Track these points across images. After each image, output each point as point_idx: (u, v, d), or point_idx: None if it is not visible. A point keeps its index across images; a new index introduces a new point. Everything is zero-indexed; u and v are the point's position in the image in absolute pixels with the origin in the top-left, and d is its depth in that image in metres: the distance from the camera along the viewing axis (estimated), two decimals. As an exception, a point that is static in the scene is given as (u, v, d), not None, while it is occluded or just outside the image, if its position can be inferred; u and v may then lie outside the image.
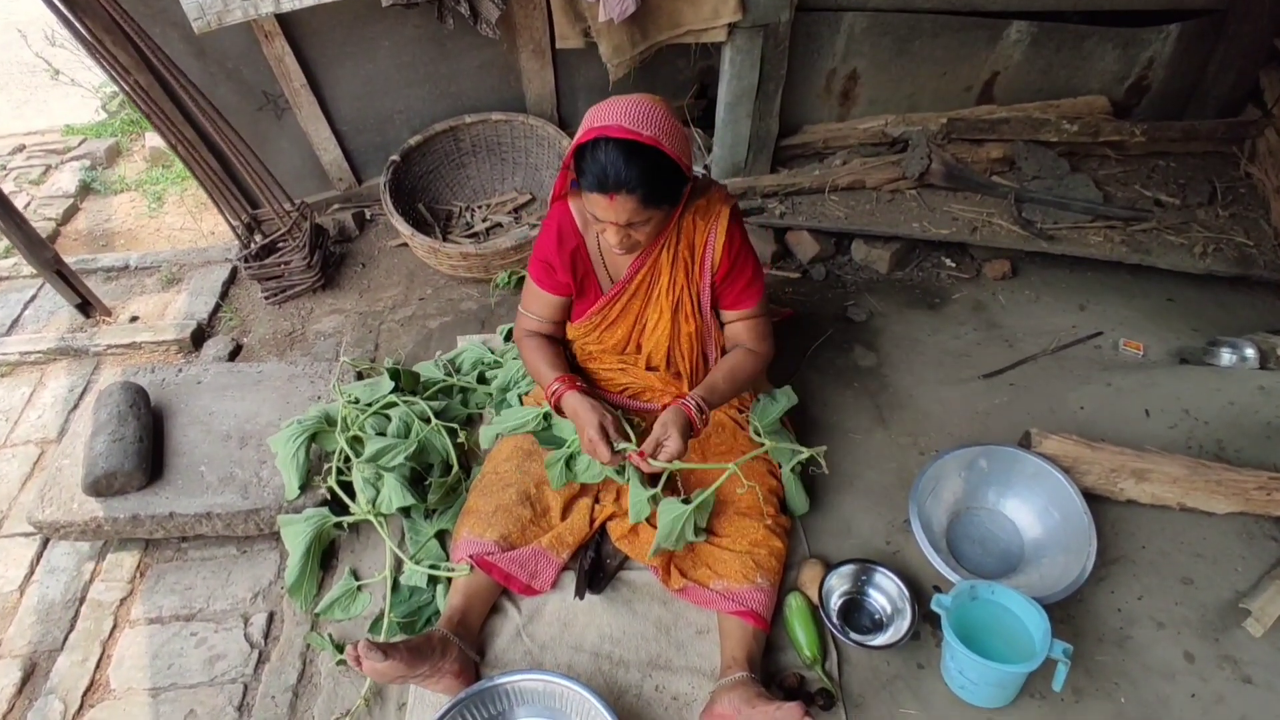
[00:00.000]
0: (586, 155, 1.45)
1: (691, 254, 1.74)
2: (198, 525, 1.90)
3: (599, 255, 1.78)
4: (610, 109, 1.45)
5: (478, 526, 1.76)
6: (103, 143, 4.01)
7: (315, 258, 2.76)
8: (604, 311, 1.83)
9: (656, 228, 1.58)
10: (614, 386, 1.97)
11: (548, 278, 1.80)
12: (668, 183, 1.49)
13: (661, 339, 1.84)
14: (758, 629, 1.66)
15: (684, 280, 1.76)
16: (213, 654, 1.79)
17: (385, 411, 2.11)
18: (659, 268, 1.75)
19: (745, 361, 1.81)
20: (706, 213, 1.71)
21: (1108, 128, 2.93)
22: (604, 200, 1.45)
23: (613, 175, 1.42)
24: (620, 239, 1.55)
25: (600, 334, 1.88)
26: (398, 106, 2.92)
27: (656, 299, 1.80)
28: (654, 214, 1.51)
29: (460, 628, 1.66)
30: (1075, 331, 2.60)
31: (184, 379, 2.18)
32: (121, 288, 2.96)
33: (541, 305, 1.86)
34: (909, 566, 1.91)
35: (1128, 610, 1.81)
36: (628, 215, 1.47)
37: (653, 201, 1.48)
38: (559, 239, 1.74)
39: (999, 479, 1.98)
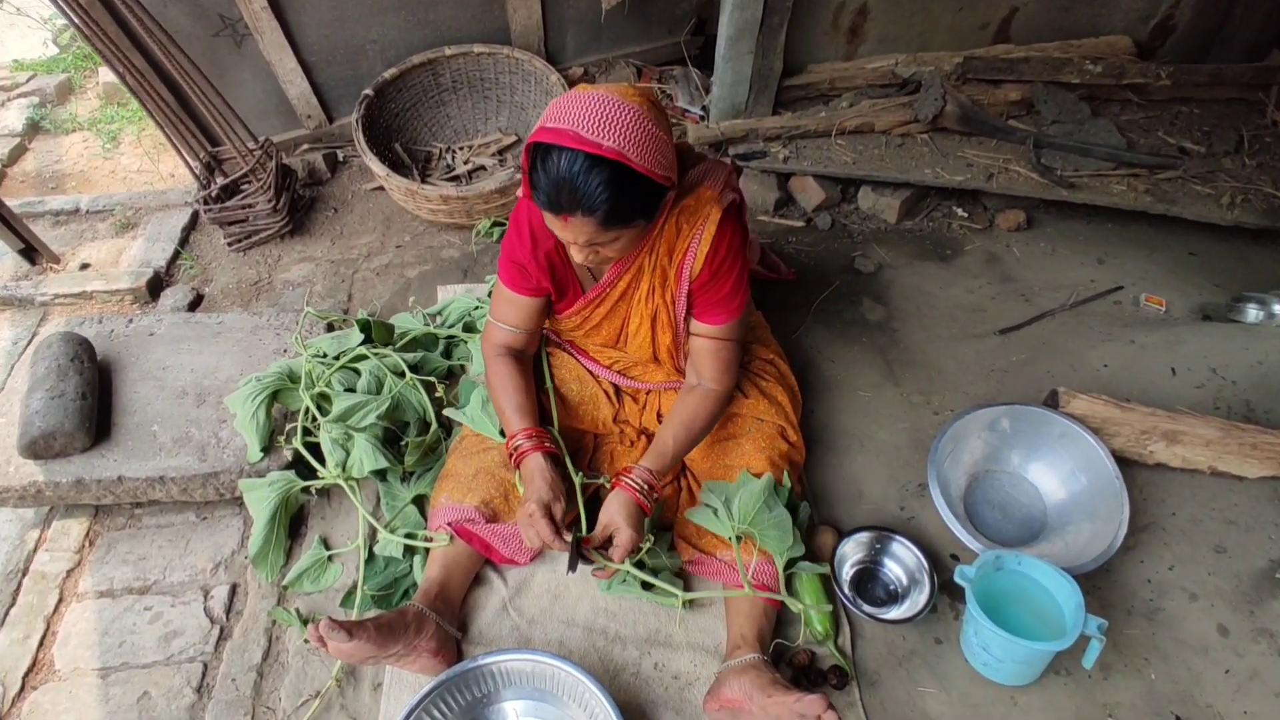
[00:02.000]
0: (537, 166, 1.21)
1: (670, 259, 1.50)
2: (150, 490, 1.73)
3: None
4: (568, 107, 1.20)
5: (457, 491, 1.61)
6: (53, 79, 3.71)
7: (282, 200, 2.54)
8: (585, 313, 1.63)
9: (630, 244, 1.35)
10: (604, 359, 1.79)
11: (522, 281, 1.56)
12: (636, 199, 1.25)
13: (644, 344, 1.66)
14: (768, 605, 1.52)
15: (660, 288, 1.53)
16: (169, 630, 1.63)
17: (354, 366, 1.93)
18: (642, 272, 1.54)
19: (702, 409, 1.56)
20: (694, 215, 1.44)
21: (1133, 69, 2.75)
22: (557, 221, 1.25)
23: (566, 194, 1.18)
24: (585, 255, 1.33)
25: (586, 332, 1.70)
26: (370, 35, 2.68)
27: (637, 305, 1.59)
28: (621, 232, 1.28)
29: (438, 602, 1.52)
30: (1094, 286, 2.46)
31: (135, 330, 1.99)
32: (71, 233, 2.73)
33: (516, 312, 1.60)
34: (925, 533, 1.78)
35: (1158, 581, 1.69)
36: (587, 236, 1.26)
37: (616, 221, 1.24)
38: (532, 240, 1.49)
39: (1023, 441, 1.84)
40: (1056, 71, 2.75)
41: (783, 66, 2.83)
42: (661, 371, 1.75)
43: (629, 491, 1.46)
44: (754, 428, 1.68)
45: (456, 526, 1.57)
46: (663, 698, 1.50)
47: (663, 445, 1.52)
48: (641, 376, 1.78)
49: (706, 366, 1.57)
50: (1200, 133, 2.77)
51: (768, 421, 1.69)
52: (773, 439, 1.67)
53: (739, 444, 1.67)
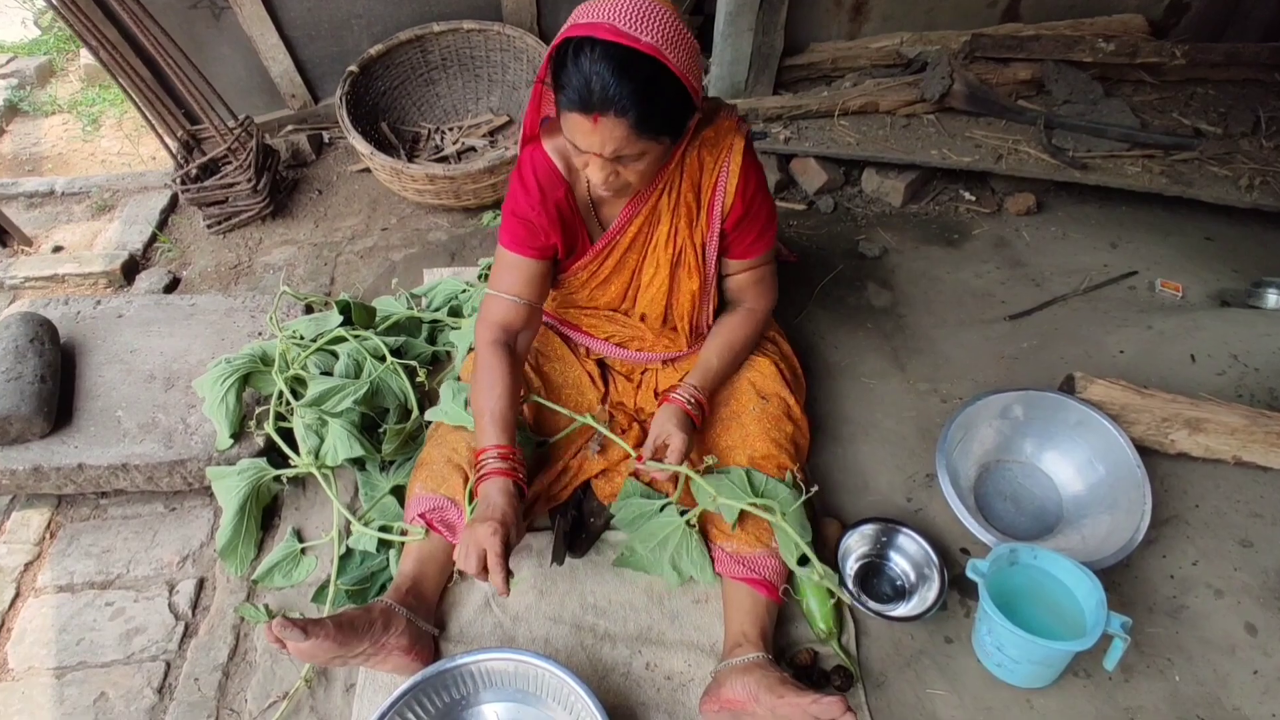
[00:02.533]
0: (567, 63, 1.12)
1: (697, 197, 1.43)
2: (113, 479, 1.63)
3: (588, 202, 1.47)
4: (600, 5, 1.12)
5: (430, 480, 1.50)
6: (34, 61, 3.62)
7: (263, 181, 2.44)
8: (592, 267, 1.52)
9: (652, 166, 1.26)
10: (598, 333, 1.70)
11: (528, 239, 1.44)
12: (669, 107, 1.17)
13: (657, 296, 1.55)
14: (770, 600, 1.42)
15: (686, 229, 1.45)
16: (130, 627, 1.54)
17: (331, 349, 1.83)
18: (657, 214, 1.45)
19: (743, 329, 1.58)
20: (715, 146, 1.39)
21: (1147, 48, 2.66)
22: (586, 123, 1.13)
23: (599, 90, 1.09)
24: (605, 176, 1.23)
25: (591, 292, 1.58)
26: (356, 10, 2.58)
27: (653, 251, 1.50)
28: (648, 146, 1.19)
29: (410, 597, 1.41)
30: (1107, 271, 2.36)
31: (102, 312, 1.89)
32: (46, 215, 2.63)
33: (519, 277, 1.46)
34: (933, 526, 1.68)
35: (1181, 577, 1.60)
36: (615, 144, 1.16)
37: (648, 129, 1.15)
38: (540, 189, 1.39)
39: (1036, 428, 1.75)
40: (1068, 50, 2.65)
41: (784, 45, 2.74)
42: (664, 339, 1.65)
43: (677, 403, 1.46)
44: (757, 406, 1.57)
45: (429, 518, 1.47)
46: (654, 700, 1.40)
47: (706, 363, 1.53)
48: (641, 348, 1.68)
49: (748, 294, 1.58)
50: (1216, 114, 2.67)
51: (771, 400, 1.59)
52: (778, 420, 1.57)
53: (741, 423, 1.57)
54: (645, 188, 1.40)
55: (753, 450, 1.52)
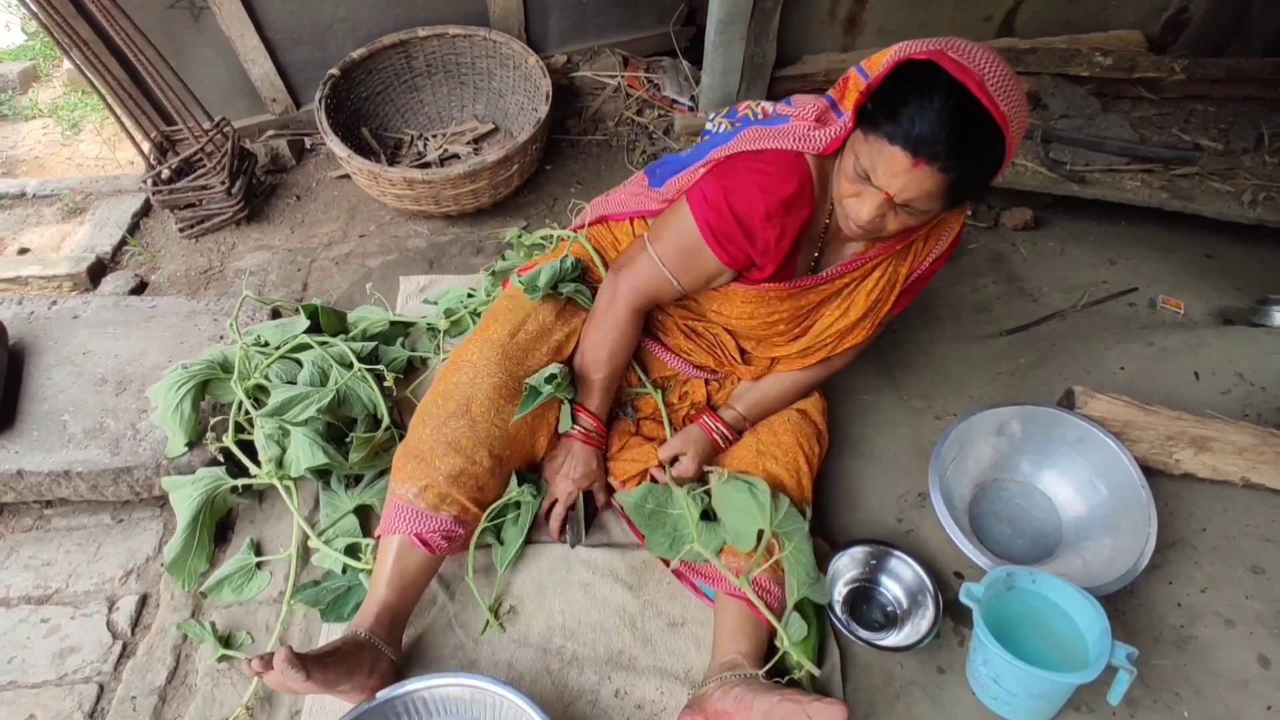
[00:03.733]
0: (909, 93, 1.02)
1: (924, 246, 1.38)
2: (55, 486, 1.53)
3: (818, 238, 1.36)
4: (967, 50, 1.02)
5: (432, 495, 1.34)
6: (17, 65, 3.57)
7: (238, 184, 2.37)
8: (775, 299, 1.39)
9: (916, 225, 1.20)
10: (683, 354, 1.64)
11: (729, 244, 1.29)
12: (979, 181, 1.09)
13: (828, 338, 1.46)
14: (765, 620, 1.32)
15: (902, 279, 1.40)
16: (65, 646, 1.43)
17: (296, 356, 1.74)
18: (871, 273, 1.39)
19: (817, 379, 1.58)
20: (941, 225, 1.38)
21: (1145, 62, 2.61)
22: (904, 161, 1.03)
23: (938, 136, 0.99)
24: (874, 218, 1.14)
25: (750, 316, 1.44)
26: (339, 13, 2.52)
27: (852, 292, 1.41)
28: (937, 209, 1.12)
29: (391, 632, 1.29)
30: (1107, 287, 2.29)
31: (57, 313, 1.80)
32: (15, 218, 2.56)
33: (694, 271, 1.35)
34: (926, 548, 1.59)
35: (1189, 605, 1.50)
36: (917, 195, 1.07)
37: (954, 194, 1.08)
38: (786, 207, 1.24)
39: (1034, 446, 1.66)
40: (1065, 63, 2.60)
41: (777, 56, 2.69)
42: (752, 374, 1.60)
43: (706, 429, 1.51)
44: (796, 419, 1.53)
45: (426, 538, 1.31)
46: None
47: (764, 399, 1.55)
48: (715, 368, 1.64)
49: (855, 348, 1.53)
50: (1217, 130, 2.61)
51: (809, 414, 1.55)
52: (810, 439, 1.52)
53: (774, 431, 1.51)
54: (888, 241, 1.33)
55: (784, 459, 1.46)
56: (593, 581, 1.48)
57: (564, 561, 1.50)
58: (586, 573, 1.49)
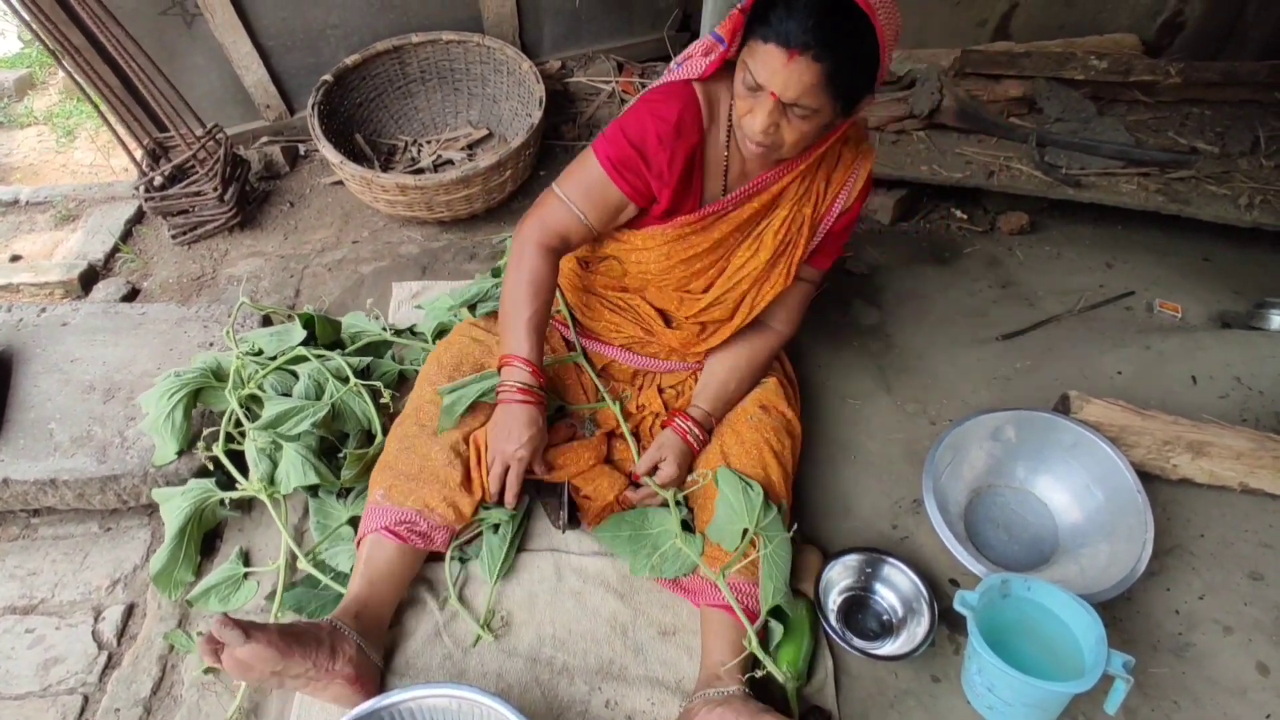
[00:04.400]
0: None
1: (826, 188, 1.40)
2: (41, 495, 1.52)
3: (720, 164, 1.37)
4: None
5: (398, 491, 1.40)
6: (14, 73, 3.57)
7: (230, 191, 2.36)
8: (690, 228, 1.39)
9: (810, 133, 1.19)
10: (613, 331, 1.61)
11: (631, 171, 1.32)
12: (859, 72, 1.12)
13: (742, 284, 1.45)
14: (751, 627, 1.30)
15: (809, 219, 1.41)
16: (50, 656, 1.42)
17: (292, 368, 1.73)
18: (783, 197, 1.39)
19: (765, 351, 1.57)
20: (857, 146, 1.40)
21: (1140, 66, 2.60)
22: (779, 57, 1.08)
23: (807, 27, 1.05)
24: (767, 125, 1.16)
25: (668, 260, 1.44)
26: (332, 20, 2.52)
27: (760, 233, 1.42)
28: (823, 105, 1.13)
29: (360, 622, 1.30)
30: (1103, 291, 2.28)
31: (46, 320, 1.79)
32: (8, 225, 2.55)
33: (594, 199, 1.35)
34: (920, 555, 1.57)
35: (1187, 612, 1.49)
36: (798, 89, 1.10)
37: (834, 84, 1.10)
38: (677, 130, 1.28)
39: (1029, 451, 1.64)
40: (1060, 67, 2.59)
41: (770, 60, 2.69)
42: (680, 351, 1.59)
43: (679, 433, 1.46)
44: (759, 415, 1.49)
45: (396, 531, 1.36)
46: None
47: (722, 388, 1.51)
48: (657, 355, 1.62)
49: (788, 310, 1.55)
50: (1213, 133, 2.60)
51: (773, 407, 1.52)
52: (777, 433, 1.48)
53: (736, 431, 1.48)
54: (790, 160, 1.33)
55: (748, 459, 1.43)
56: (583, 590, 1.46)
57: (554, 570, 1.49)
58: (577, 581, 1.47)
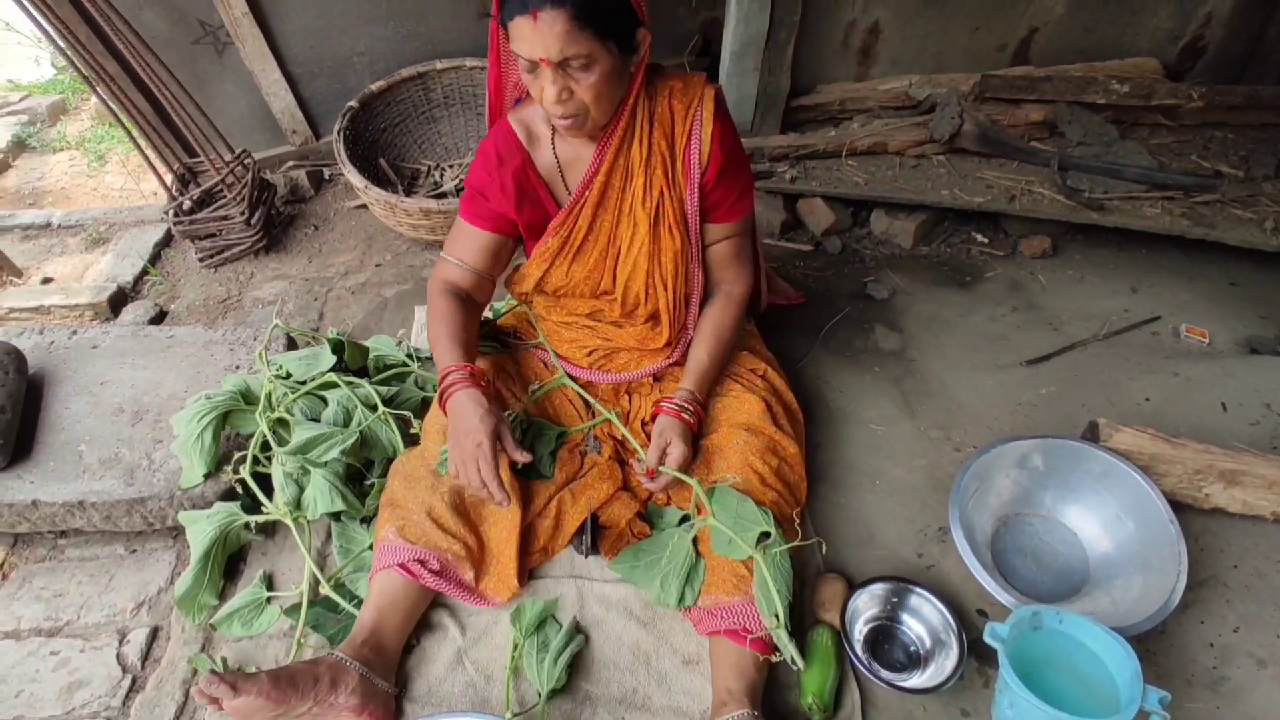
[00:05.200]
0: None
1: (670, 145, 1.37)
2: (69, 517, 1.53)
3: (557, 173, 1.43)
4: None
5: (412, 530, 1.40)
6: (47, 99, 3.67)
7: (257, 215, 2.40)
8: (563, 230, 1.44)
9: (605, 83, 1.18)
10: (579, 352, 1.61)
11: (480, 210, 1.45)
12: (608, 4, 1.13)
13: (639, 261, 1.45)
14: (756, 653, 1.29)
15: (664, 180, 1.38)
16: (74, 679, 1.42)
17: (321, 393, 1.74)
18: (630, 167, 1.38)
19: (726, 314, 1.53)
20: (685, 94, 1.35)
21: (1162, 90, 2.59)
22: (527, 24, 1.10)
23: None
24: (558, 92, 1.17)
25: (568, 266, 1.49)
26: (358, 47, 2.57)
27: (630, 209, 1.42)
28: (594, 49, 1.13)
29: (368, 650, 1.29)
30: (1128, 316, 2.26)
31: (77, 342, 1.82)
32: (40, 247, 2.60)
33: (469, 247, 1.48)
34: (947, 584, 1.55)
35: (1222, 645, 1.45)
36: (559, 42, 1.10)
37: (588, 21, 1.10)
38: (497, 159, 1.39)
39: (1058, 479, 1.62)
40: (1081, 91, 2.59)
41: (790, 85, 2.71)
42: (650, 341, 1.57)
43: (671, 414, 1.43)
44: (741, 439, 1.47)
45: (410, 568, 1.36)
46: (637, 775, 1.26)
47: (698, 364, 1.48)
48: (627, 365, 1.60)
49: (726, 268, 1.53)
50: (1237, 156, 2.59)
51: (757, 435, 1.49)
52: (763, 452, 1.46)
53: (724, 454, 1.47)
54: (605, 119, 1.29)
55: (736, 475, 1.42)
56: (605, 618, 1.45)
57: (577, 597, 1.48)
58: (600, 609, 1.46)
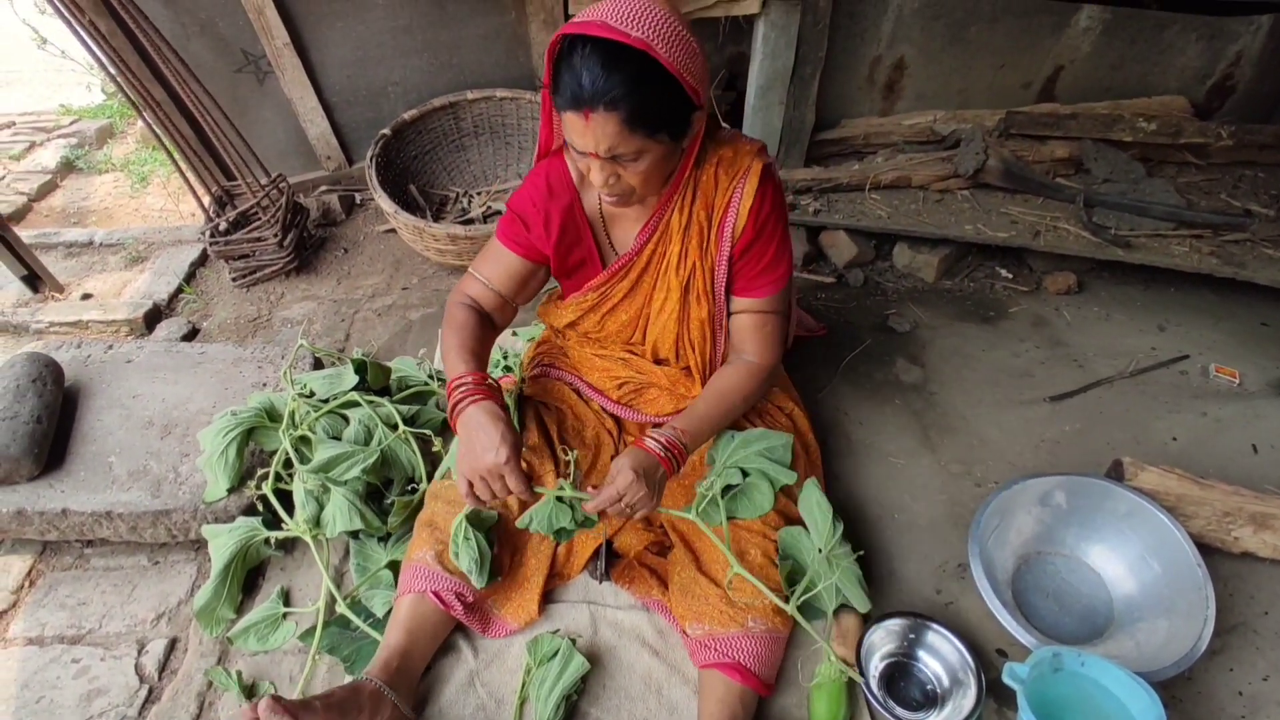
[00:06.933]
0: (561, 65, 1.11)
1: (709, 217, 1.37)
2: (97, 527, 1.57)
3: (600, 221, 1.44)
4: (596, 7, 1.12)
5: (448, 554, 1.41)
6: (96, 123, 3.81)
7: (290, 237, 2.46)
8: (604, 290, 1.48)
9: (655, 169, 1.20)
10: (610, 382, 1.62)
11: (518, 235, 1.44)
12: (662, 102, 1.13)
13: (668, 325, 1.48)
14: (747, 688, 1.28)
15: (697, 251, 1.39)
16: (93, 687, 1.44)
17: (343, 411, 1.77)
18: (669, 233, 1.39)
19: (738, 378, 1.45)
20: (733, 166, 1.33)
21: (1190, 128, 2.58)
22: (579, 121, 1.11)
23: (588, 86, 1.07)
24: (605, 178, 1.19)
25: (602, 318, 1.53)
26: (393, 78, 2.65)
27: (664, 274, 1.44)
28: (645, 145, 1.14)
29: (398, 676, 1.29)
30: (1155, 354, 2.23)
31: (112, 356, 1.88)
32: (82, 264, 2.69)
33: (497, 267, 1.47)
34: (965, 622, 1.52)
35: (1251, 694, 1.41)
36: (609, 141, 1.12)
37: (640, 123, 1.11)
38: (548, 188, 1.38)
39: (1081, 518, 1.59)
40: (1107, 129, 2.59)
41: (815, 120, 2.74)
42: (679, 387, 1.57)
43: (642, 446, 1.31)
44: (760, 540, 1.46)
45: (442, 596, 1.37)
46: (646, 806, 1.25)
47: (692, 408, 1.42)
48: (649, 406, 1.60)
49: (748, 341, 1.46)
50: (1268, 195, 2.56)
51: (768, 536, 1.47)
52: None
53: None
54: (654, 195, 1.33)
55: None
56: (618, 645, 1.44)
57: (590, 623, 1.47)
58: (612, 635, 1.46)
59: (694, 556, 1.44)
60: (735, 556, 1.37)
